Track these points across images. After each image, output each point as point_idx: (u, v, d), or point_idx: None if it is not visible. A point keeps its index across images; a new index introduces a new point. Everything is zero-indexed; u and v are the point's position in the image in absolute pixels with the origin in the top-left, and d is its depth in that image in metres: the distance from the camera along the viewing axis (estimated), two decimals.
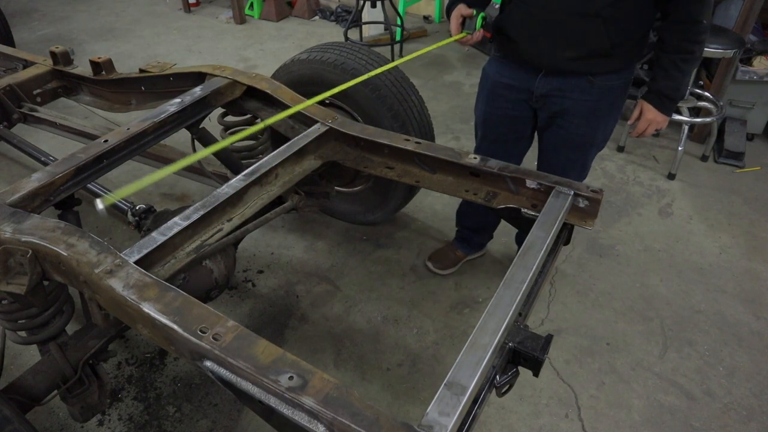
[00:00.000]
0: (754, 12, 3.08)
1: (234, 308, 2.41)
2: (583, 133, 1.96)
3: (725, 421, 1.96)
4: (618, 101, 1.93)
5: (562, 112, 1.94)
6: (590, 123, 1.93)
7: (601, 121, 1.94)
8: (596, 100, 1.88)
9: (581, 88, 1.86)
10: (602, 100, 1.88)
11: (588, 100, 1.88)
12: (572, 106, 1.90)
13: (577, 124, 1.94)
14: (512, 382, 1.23)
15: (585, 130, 1.95)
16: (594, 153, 2.08)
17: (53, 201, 1.61)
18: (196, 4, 6.07)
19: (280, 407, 1.02)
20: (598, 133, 1.97)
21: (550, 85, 1.89)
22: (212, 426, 1.96)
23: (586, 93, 1.87)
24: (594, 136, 1.97)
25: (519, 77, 1.95)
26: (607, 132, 2.01)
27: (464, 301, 2.43)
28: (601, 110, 1.91)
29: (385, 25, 4.56)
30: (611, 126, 2.00)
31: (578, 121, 1.93)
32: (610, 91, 1.87)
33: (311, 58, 2.23)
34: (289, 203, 1.86)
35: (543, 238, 1.39)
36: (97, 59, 2.42)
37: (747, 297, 2.45)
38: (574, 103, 1.89)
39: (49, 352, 1.56)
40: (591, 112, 1.90)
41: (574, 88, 1.87)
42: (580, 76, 1.84)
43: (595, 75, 1.83)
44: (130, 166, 3.05)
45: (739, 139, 3.38)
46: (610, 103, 1.90)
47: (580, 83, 1.85)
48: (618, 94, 1.90)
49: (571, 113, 1.92)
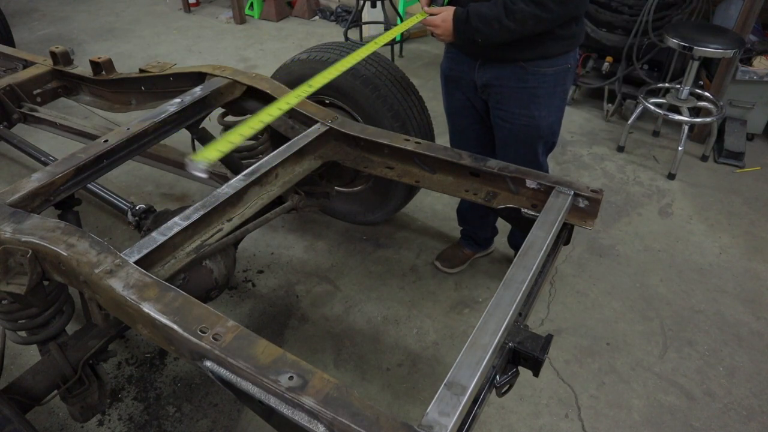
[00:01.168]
0: (754, 12, 3.08)
1: (234, 308, 2.41)
2: (526, 124, 1.97)
3: (725, 421, 1.96)
4: (557, 89, 1.94)
5: (502, 102, 1.97)
6: (531, 111, 1.94)
7: (542, 109, 1.95)
8: (533, 87, 1.90)
9: (517, 76, 1.89)
10: (539, 87, 1.90)
11: (524, 87, 1.90)
12: (510, 94, 1.93)
13: (518, 114, 1.96)
14: (512, 382, 1.23)
15: (526, 120, 1.96)
16: (543, 149, 2.08)
17: (53, 201, 1.61)
18: (196, 4, 6.07)
19: (280, 407, 1.02)
20: (541, 123, 1.97)
21: (488, 74, 1.94)
22: (212, 426, 1.96)
23: (521, 81, 1.89)
24: (537, 126, 1.97)
25: (462, 69, 2.02)
26: (552, 122, 2.01)
27: (464, 301, 2.43)
28: (539, 98, 1.92)
29: (385, 25, 4.56)
30: (555, 116, 2.01)
31: (518, 111, 1.95)
32: (545, 79, 1.89)
33: (311, 58, 2.23)
34: (289, 203, 1.86)
35: (543, 238, 1.39)
36: (97, 59, 2.42)
37: (747, 297, 2.45)
38: (511, 91, 1.93)
39: (49, 352, 1.56)
40: (529, 100, 1.92)
41: (510, 76, 1.90)
42: (514, 64, 1.87)
43: (526, 61, 1.85)
44: (130, 166, 3.05)
45: (739, 139, 3.38)
46: (548, 91, 1.92)
47: (515, 71, 1.88)
48: (555, 82, 1.91)
49: (510, 102, 1.95)
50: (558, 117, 2.04)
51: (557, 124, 2.05)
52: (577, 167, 3.32)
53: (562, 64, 1.90)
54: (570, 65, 1.93)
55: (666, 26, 3.25)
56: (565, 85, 1.96)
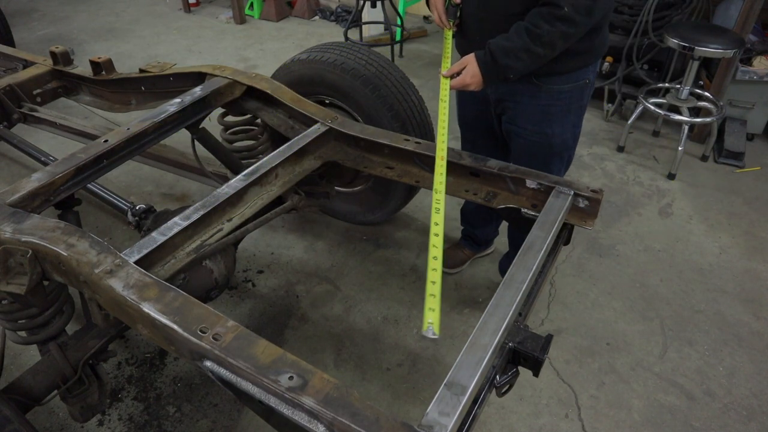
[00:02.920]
0: (754, 12, 3.08)
1: (234, 308, 2.41)
2: (538, 141, 1.88)
3: (725, 421, 1.96)
4: (573, 106, 1.84)
5: (516, 117, 1.89)
6: (543, 129, 1.86)
7: (555, 126, 1.86)
8: (546, 104, 1.81)
9: (530, 92, 1.80)
10: (553, 104, 1.81)
11: (538, 104, 1.82)
12: (524, 110, 1.85)
13: (531, 131, 1.88)
14: (512, 382, 1.23)
15: (539, 137, 1.87)
16: (558, 163, 1.98)
17: (53, 201, 1.61)
18: (196, 4, 6.07)
19: (280, 407, 1.02)
20: (554, 140, 1.88)
21: (502, 89, 1.85)
22: (212, 426, 1.96)
23: (535, 97, 1.81)
24: (550, 143, 1.89)
25: None
26: (565, 138, 1.91)
27: (464, 301, 2.43)
28: (553, 115, 1.83)
29: (385, 25, 4.56)
30: (570, 133, 1.91)
31: (531, 127, 1.87)
32: (560, 96, 1.80)
33: (311, 58, 2.23)
34: (289, 203, 1.86)
35: (543, 238, 1.39)
36: (97, 59, 2.42)
37: (747, 297, 2.45)
38: (524, 107, 1.84)
39: (49, 352, 1.56)
40: (543, 116, 1.84)
41: (523, 92, 1.81)
42: (527, 80, 1.76)
43: (539, 78, 1.74)
44: (130, 166, 3.06)
45: (739, 139, 3.38)
46: (563, 108, 1.82)
47: (529, 87, 1.79)
48: (571, 98, 1.82)
49: (524, 118, 1.87)
50: (574, 133, 1.93)
51: (572, 140, 1.95)
52: (577, 167, 3.32)
53: (580, 80, 1.79)
54: (588, 80, 1.82)
55: (666, 26, 3.25)
56: (582, 101, 1.86)
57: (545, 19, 1.54)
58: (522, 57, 1.59)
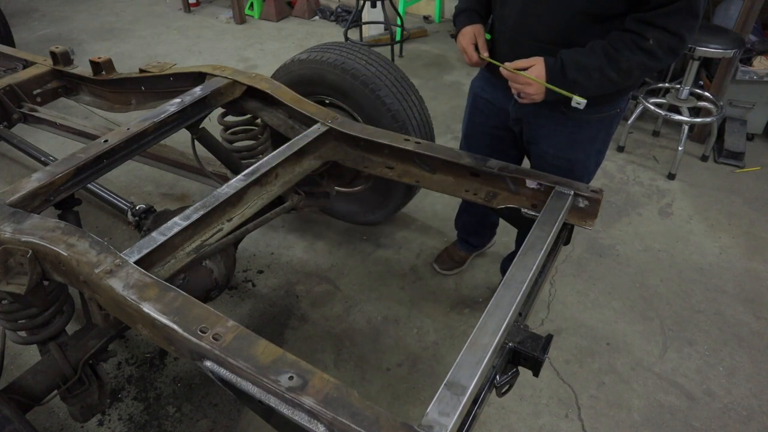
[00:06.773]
0: (754, 12, 3.08)
1: (234, 308, 2.41)
2: (559, 165, 1.78)
3: (725, 421, 1.96)
4: (601, 135, 1.75)
5: (537, 139, 1.80)
6: (566, 155, 1.77)
7: (580, 154, 1.77)
8: (572, 132, 1.72)
9: (555, 118, 1.70)
10: (579, 133, 1.72)
11: (563, 131, 1.72)
12: (546, 135, 1.76)
13: (552, 155, 1.79)
14: (512, 382, 1.23)
15: (561, 162, 1.78)
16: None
17: (53, 201, 1.61)
18: (196, 4, 6.07)
19: (280, 407, 1.02)
20: (577, 166, 1.79)
21: (524, 109, 1.74)
22: (212, 426, 1.96)
23: (560, 124, 1.71)
24: (572, 168, 1.78)
25: (497, 96, 1.84)
26: (588, 165, 1.82)
27: (464, 301, 2.43)
28: (578, 143, 1.74)
29: (385, 25, 4.56)
30: (593, 159, 1.82)
31: (553, 152, 1.78)
32: (588, 126, 1.71)
33: (311, 58, 2.23)
34: (289, 203, 1.86)
35: (543, 238, 1.39)
36: (97, 59, 2.42)
37: (747, 297, 2.45)
38: (548, 132, 1.75)
39: (49, 352, 1.56)
40: (567, 144, 1.75)
41: (548, 117, 1.71)
42: (552, 106, 1.65)
43: (567, 106, 1.56)
44: (130, 166, 3.06)
45: (739, 139, 3.38)
46: (589, 136, 1.73)
47: (554, 114, 1.69)
48: (599, 128, 1.72)
49: (546, 142, 1.78)
50: (597, 160, 1.84)
51: (595, 165, 1.85)
52: None
53: (610, 111, 1.69)
54: (620, 109, 1.71)
55: None
56: (610, 130, 1.75)
57: (628, 45, 1.44)
58: (594, 76, 1.48)
